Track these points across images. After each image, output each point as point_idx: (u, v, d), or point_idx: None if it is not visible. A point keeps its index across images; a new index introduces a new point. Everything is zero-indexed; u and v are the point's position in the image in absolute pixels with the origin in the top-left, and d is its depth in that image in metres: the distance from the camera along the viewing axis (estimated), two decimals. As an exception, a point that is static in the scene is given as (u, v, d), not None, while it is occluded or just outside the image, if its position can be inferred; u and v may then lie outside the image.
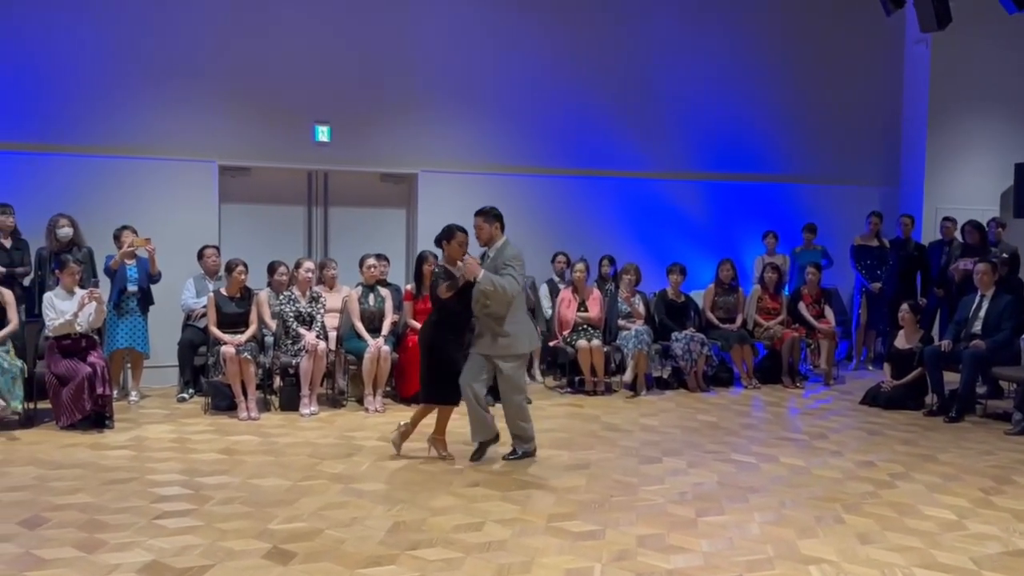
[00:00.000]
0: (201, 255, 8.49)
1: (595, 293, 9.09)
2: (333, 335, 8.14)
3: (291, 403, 7.75)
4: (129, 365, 8.26)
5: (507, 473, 5.88)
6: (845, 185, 11.36)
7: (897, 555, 4.51)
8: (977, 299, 8.24)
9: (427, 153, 9.91)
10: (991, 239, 9.85)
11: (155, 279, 8.18)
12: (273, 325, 7.91)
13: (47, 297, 7.16)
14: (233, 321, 7.76)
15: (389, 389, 8.24)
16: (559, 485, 5.60)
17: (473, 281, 5.89)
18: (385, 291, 8.37)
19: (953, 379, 8.09)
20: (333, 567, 4.20)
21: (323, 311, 7.99)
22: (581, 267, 9.00)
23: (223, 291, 7.86)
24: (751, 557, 4.44)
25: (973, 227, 9.72)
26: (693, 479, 5.81)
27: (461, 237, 6.09)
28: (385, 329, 8.14)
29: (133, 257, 8.03)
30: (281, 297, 7.94)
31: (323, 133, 9.58)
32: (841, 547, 4.60)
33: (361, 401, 7.95)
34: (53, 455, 6.19)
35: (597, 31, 10.47)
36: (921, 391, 8.32)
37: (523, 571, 4.21)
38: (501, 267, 5.95)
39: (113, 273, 7.96)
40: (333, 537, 4.60)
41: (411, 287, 8.29)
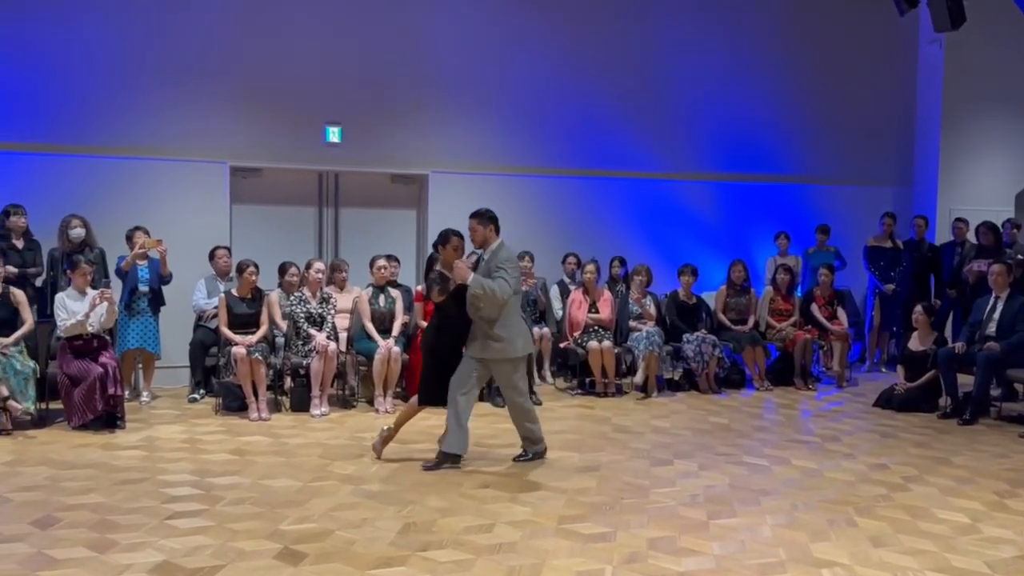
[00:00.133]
0: (212, 256, 8.52)
1: (606, 294, 9.06)
2: (344, 336, 8.15)
3: (302, 404, 7.76)
4: (140, 366, 8.28)
5: (517, 475, 5.87)
6: (858, 186, 11.30)
7: (910, 559, 4.47)
8: (992, 301, 8.18)
9: (437, 154, 9.92)
10: (1006, 240, 9.77)
11: (166, 280, 8.21)
12: (284, 326, 7.92)
13: (59, 298, 7.19)
14: (244, 322, 7.77)
15: (399, 390, 8.24)
16: (569, 487, 5.58)
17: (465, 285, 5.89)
18: (395, 292, 8.37)
19: (967, 381, 8.02)
20: (343, 568, 4.20)
21: (333, 312, 8.00)
22: (592, 268, 8.98)
23: (234, 292, 7.87)
24: (763, 560, 4.41)
25: (987, 228, 9.64)
26: (704, 481, 5.78)
27: (456, 241, 6.10)
28: (395, 330, 8.14)
29: (145, 258, 8.05)
30: (292, 298, 7.95)
31: (334, 134, 9.61)
32: (854, 550, 4.56)
33: (372, 402, 7.95)
34: (65, 455, 6.21)
35: (607, 31, 10.45)
36: (935, 393, 8.26)
37: (533, 573, 4.19)
38: (494, 270, 5.91)
39: (125, 274, 7.99)
40: (343, 538, 4.59)
41: (421, 288, 8.29)
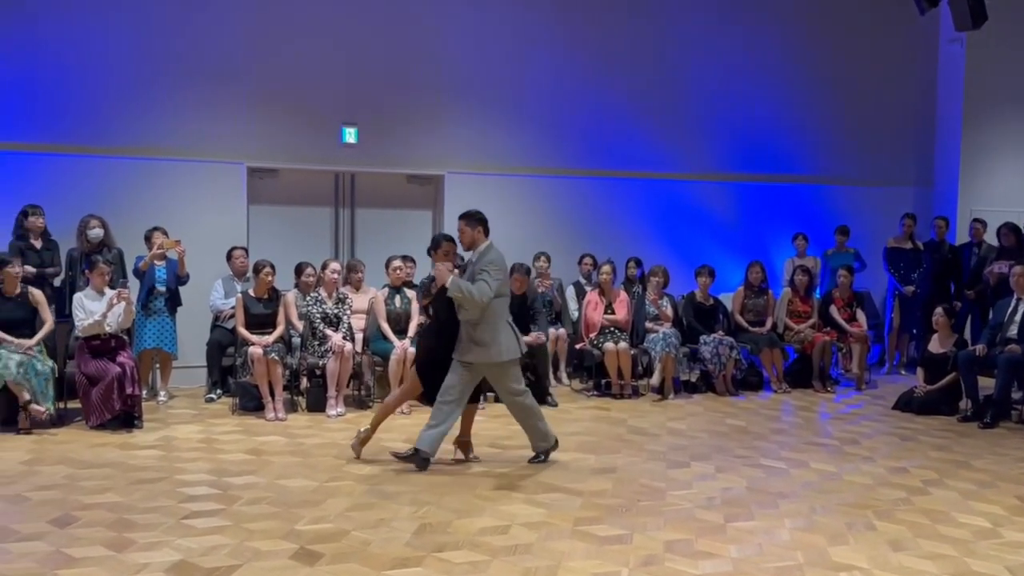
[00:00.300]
0: (229, 256, 8.55)
1: (622, 295, 9.03)
2: (360, 336, 8.16)
3: (318, 404, 7.78)
4: (158, 366, 8.32)
5: (533, 476, 5.85)
6: (878, 187, 11.20)
7: (930, 563, 4.42)
8: (1013, 303, 8.09)
9: (453, 155, 9.92)
10: (1028, 241, 9.67)
11: (183, 280, 8.25)
12: (300, 326, 7.94)
13: (77, 297, 7.23)
14: (261, 322, 7.80)
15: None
16: (585, 489, 5.56)
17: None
18: (411, 293, 8.37)
19: (988, 384, 7.94)
20: (359, 568, 4.19)
21: (349, 312, 8.01)
22: (608, 269, 8.95)
23: (251, 292, 7.90)
24: (781, 564, 4.37)
25: (1009, 229, 9.55)
26: (721, 484, 5.75)
27: (446, 246, 6.10)
28: (411, 331, 8.14)
29: (163, 258, 8.10)
30: (308, 298, 7.96)
31: (350, 135, 9.63)
32: (873, 554, 4.52)
33: (387, 402, 7.95)
34: (83, 454, 6.25)
35: (624, 32, 10.41)
36: (955, 396, 8.18)
37: (549, 575, 4.17)
38: (478, 272, 5.90)
39: (142, 274, 8.04)
40: (359, 538, 4.59)
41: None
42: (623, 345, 8.65)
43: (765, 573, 4.25)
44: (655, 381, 8.71)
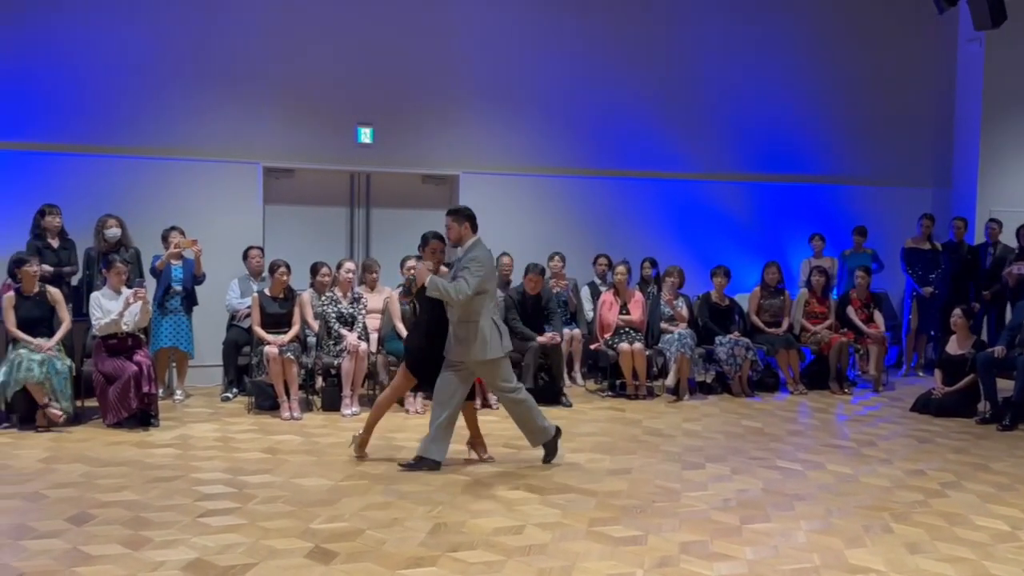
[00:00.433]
0: (245, 256, 8.59)
1: (637, 296, 9.00)
2: (374, 336, 8.17)
3: (333, 403, 7.80)
4: (174, 364, 8.36)
5: (548, 476, 5.84)
6: (896, 187, 11.13)
7: (948, 566, 4.39)
8: (1033, 304, 8.02)
9: (469, 154, 9.92)
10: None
11: (199, 280, 8.29)
12: (316, 326, 7.96)
13: (94, 297, 7.28)
14: (276, 321, 7.82)
15: (429, 390, 8.22)
16: (600, 489, 5.54)
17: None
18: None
19: (1007, 386, 7.87)
20: (374, 567, 4.20)
21: (364, 312, 8.02)
22: (623, 269, 8.93)
23: (267, 292, 7.93)
24: (797, 566, 4.35)
25: (1028, 230, 9.48)
26: (737, 486, 5.72)
27: (434, 244, 6.10)
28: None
29: (180, 258, 8.14)
30: (323, 298, 7.98)
31: (365, 135, 9.65)
32: (890, 557, 4.48)
33: (402, 402, 7.95)
34: (100, 453, 6.28)
35: (639, 31, 10.39)
36: (974, 398, 8.11)
37: (564, 575, 4.17)
38: (460, 269, 5.90)
39: (159, 273, 8.08)
40: (374, 538, 4.60)
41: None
42: (638, 346, 8.62)
43: (781, 575, 4.23)
44: (670, 382, 8.68)
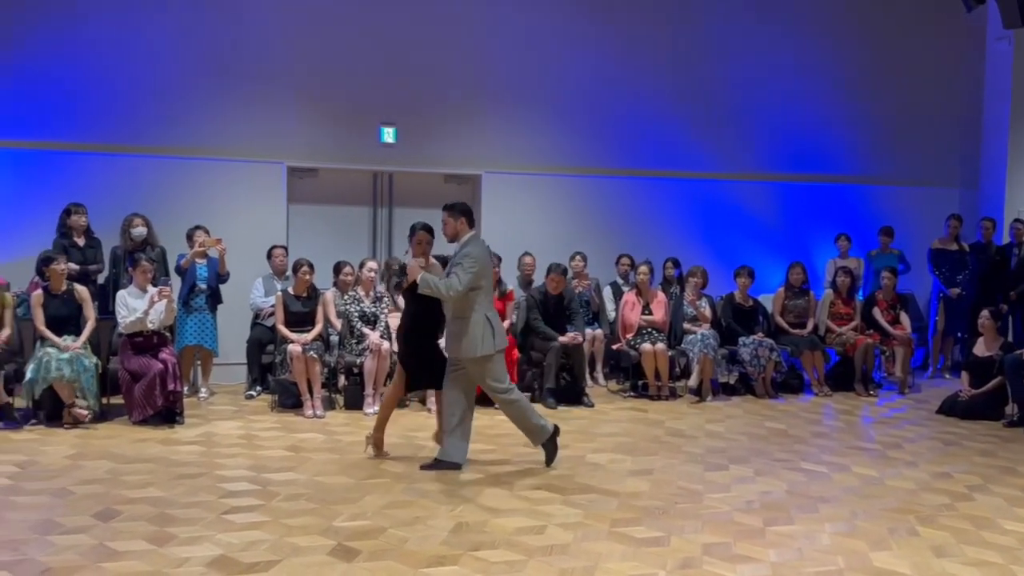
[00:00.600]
0: (270, 255, 8.63)
1: (660, 296, 8.96)
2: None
3: (355, 402, 7.83)
4: (199, 362, 8.43)
5: (569, 477, 5.83)
6: (923, 187, 11.01)
7: (975, 570, 4.33)
8: (1062, 306, 7.91)
9: (491, 154, 9.93)
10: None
11: (224, 278, 8.34)
12: (339, 324, 7.99)
13: (120, 295, 7.35)
14: (300, 320, 7.86)
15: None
16: (622, 490, 5.52)
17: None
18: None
19: (1036, 389, 7.77)
20: (396, 565, 4.21)
21: (387, 311, 8.05)
22: (645, 269, 8.89)
23: (290, 290, 7.97)
24: (821, 568, 4.31)
25: (1056, 231, 9.35)
26: (760, 487, 5.68)
27: (420, 236, 6.08)
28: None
29: (204, 257, 8.21)
30: (346, 297, 8.02)
31: (388, 135, 9.69)
32: (915, 560, 4.43)
33: (424, 401, 7.97)
34: (125, 450, 6.34)
35: (663, 31, 10.35)
36: (1001, 401, 8.00)
37: (586, 576, 4.16)
38: (454, 265, 5.88)
39: (184, 272, 8.15)
40: (396, 536, 4.61)
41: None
42: (660, 346, 8.59)
43: (805, 578, 4.20)
44: (693, 383, 8.64)
